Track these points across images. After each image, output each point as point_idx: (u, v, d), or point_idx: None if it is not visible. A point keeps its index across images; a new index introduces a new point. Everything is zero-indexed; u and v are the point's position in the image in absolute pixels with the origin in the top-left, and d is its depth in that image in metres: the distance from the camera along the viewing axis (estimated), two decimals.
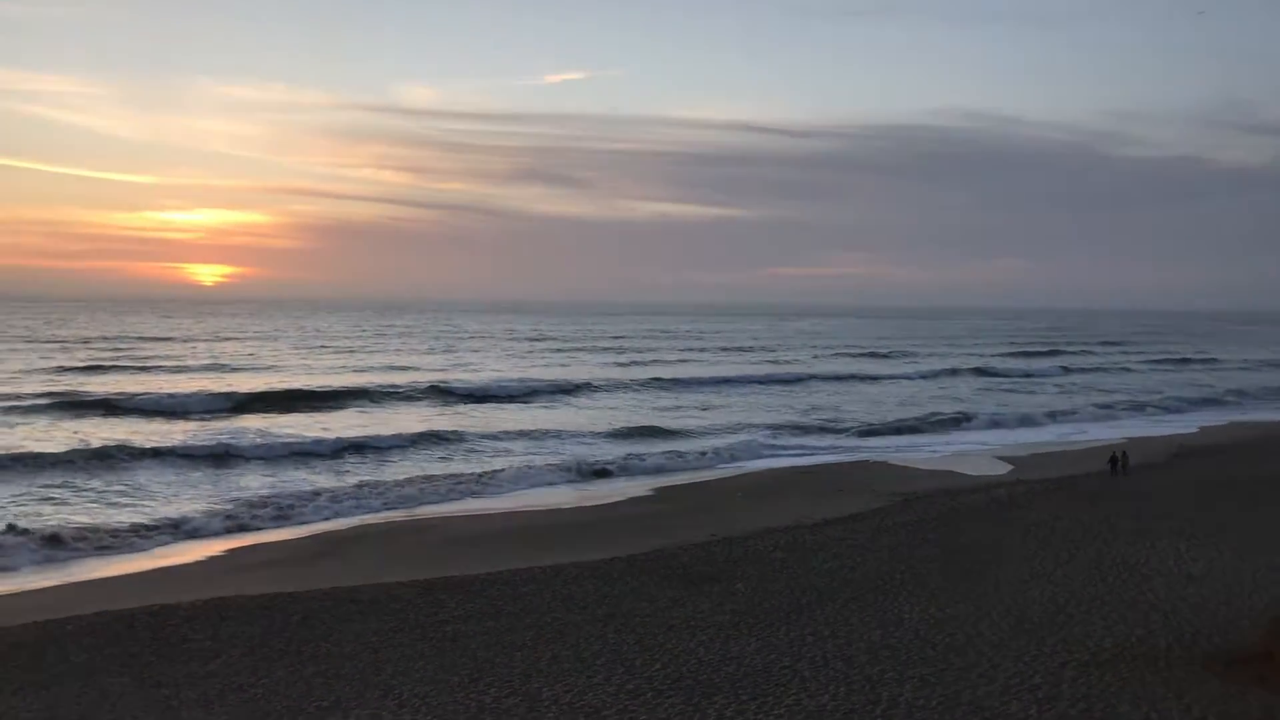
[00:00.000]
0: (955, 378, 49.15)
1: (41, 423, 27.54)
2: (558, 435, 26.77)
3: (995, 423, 31.64)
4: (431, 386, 38.07)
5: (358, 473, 21.27)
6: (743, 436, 27.20)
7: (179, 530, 15.97)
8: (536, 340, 78.58)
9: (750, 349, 71.34)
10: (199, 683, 8.61)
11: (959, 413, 33.17)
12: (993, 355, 64.93)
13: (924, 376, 48.98)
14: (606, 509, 18.24)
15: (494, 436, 26.28)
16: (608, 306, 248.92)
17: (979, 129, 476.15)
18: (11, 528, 15.16)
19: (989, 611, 10.36)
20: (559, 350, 66.08)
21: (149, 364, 47.90)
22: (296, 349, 62.16)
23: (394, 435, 25.66)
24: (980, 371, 52.18)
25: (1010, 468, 22.38)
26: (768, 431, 28.26)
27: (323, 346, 64.58)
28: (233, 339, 72.07)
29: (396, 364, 51.12)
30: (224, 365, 48.00)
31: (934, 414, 33.02)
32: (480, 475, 21.02)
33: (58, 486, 18.73)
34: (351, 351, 60.29)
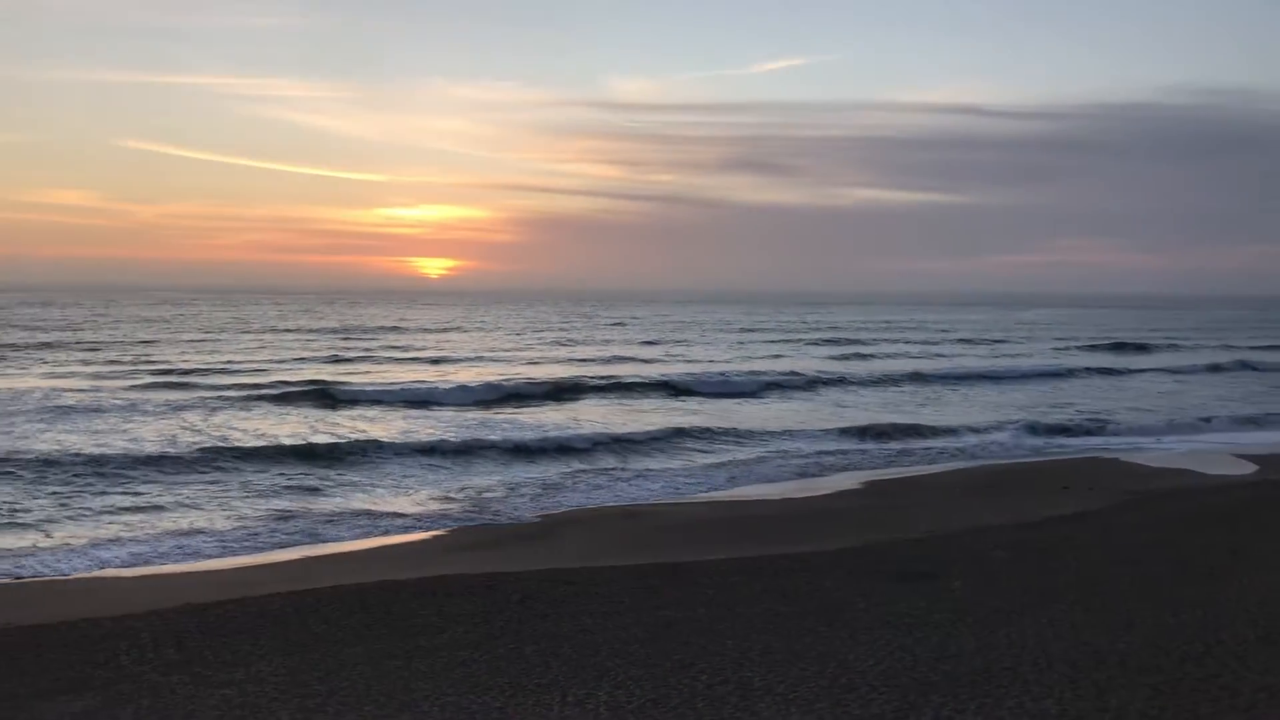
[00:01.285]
0: (1218, 374, 45.74)
1: (290, 411, 29.27)
2: (795, 432, 26.26)
3: (1250, 420, 29.32)
4: (662, 381, 37.76)
5: (604, 463, 21.69)
6: (990, 435, 26.17)
7: (412, 517, 16.79)
8: (750, 331, 78.24)
9: (978, 340, 68.74)
10: (426, 656, 9.05)
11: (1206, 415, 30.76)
12: (1248, 349, 60.39)
13: (1181, 371, 46.05)
14: (820, 500, 18.08)
15: (739, 432, 25.93)
16: (820, 296, 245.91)
17: (1218, 105, 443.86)
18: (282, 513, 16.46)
19: (1230, 620, 9.65)
20: (775, 341, 65.56)
21: (392, 354, 50.23)
22: (523, 340, 63.98)
23: (644, 430, 25.57)
24: (1243, 365, 48.67)
25: (1256, 468, 20.85)
26: (1013, 429, 27.09)
27: (549, 339, 66.08)
28: (461, 330, 75.26)
29: (620, 355, 51.90)
30: (458, 357, 49.54)
31: (1196, 409, 30.99)
32: (736, 463, 21.10)
33: (304, 474, 19.83)
34: (575, 343, 61.53)
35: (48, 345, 51.64)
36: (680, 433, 25.36)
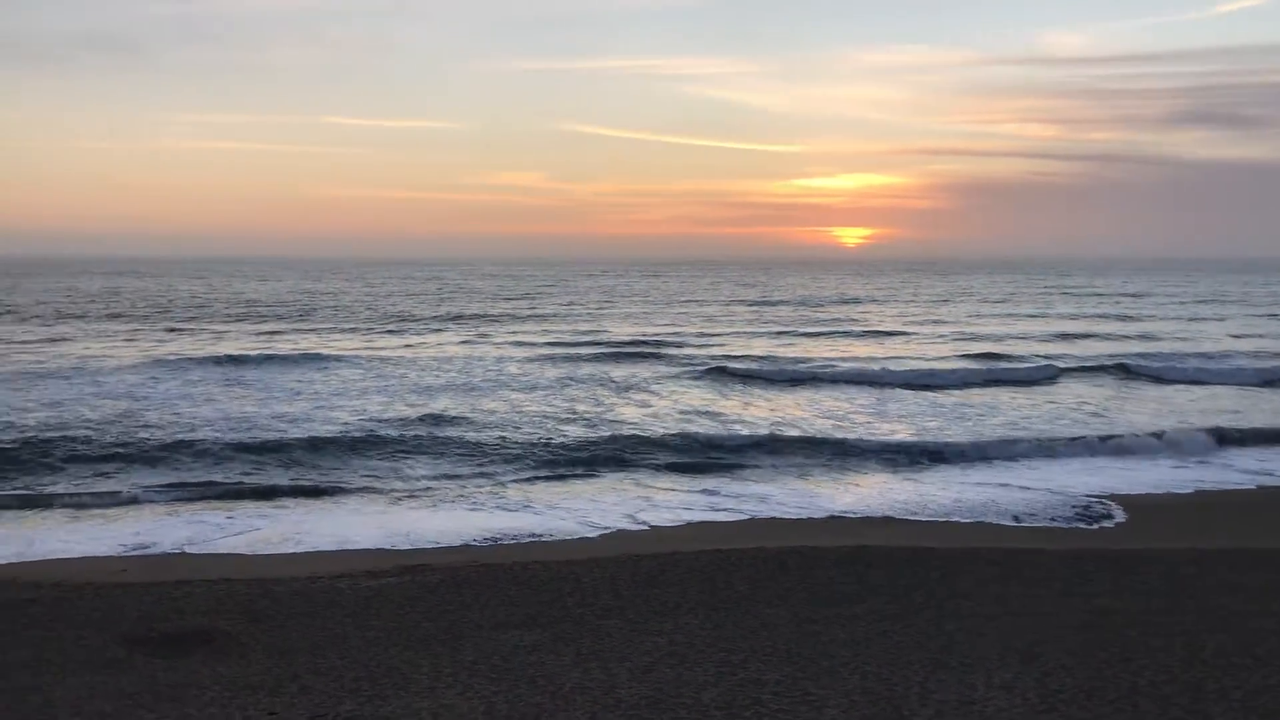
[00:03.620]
0: None
1: (699, 389, 30.17)
2: None
3: None
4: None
5: None
6: None
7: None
8: (1226, 304, 69.00)
9: None
10: (846, 623, 9.06)
11: None
12: None
13: None
14: None
15: None
16: None
17: None
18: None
19: None
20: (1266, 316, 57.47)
21: (839, 329, 48.01)
22: (968, 312, 60.59)
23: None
24: None
25: None
26: None
27: (997, 311, 62.05)
28: (892, 301, 73.55)
29: (1076, 332, 46.61)
30: (901, 332, 46.35)
31: None
32: None
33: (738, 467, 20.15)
34: (1034, 316, 56.97)
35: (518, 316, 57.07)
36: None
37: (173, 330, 45.32)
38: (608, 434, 20.29)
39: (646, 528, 13.94)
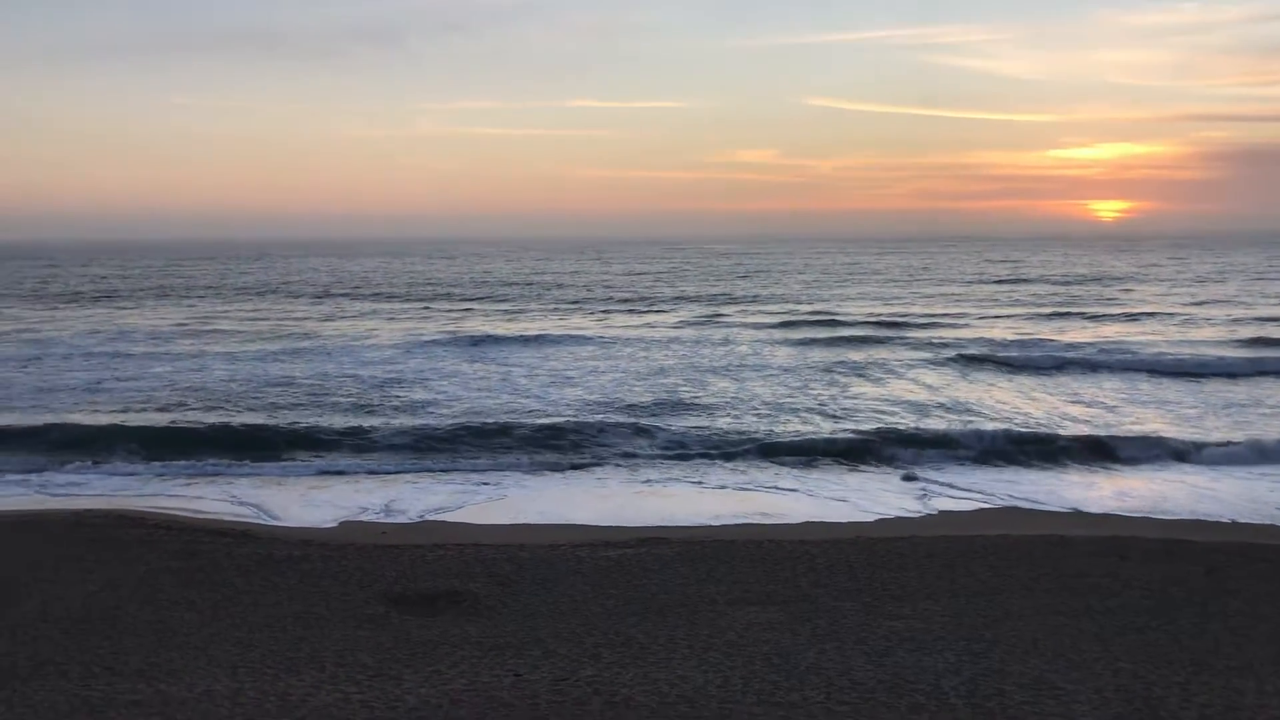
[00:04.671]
0: None
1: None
2: None
3: None
4: None
5: None
6: None
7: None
8: None
9: None
10: (1098, 617, 8.60)
11: None
12: None
13: None
14: None
15: None
16: None
17: None
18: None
19: None
20: None
21: (1095, 310, 44.49)
22: (1239, 292, 54.26)
23: None
24: None
25: None
26: None
27: (1275, 291, 55.48)
28: (1153, 279, 68.20)
29: None
30: (1163, 313, 42.48)
31: None
32: None
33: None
34: None
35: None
36: None
37: (425, 308, 47.85)
38: (843, 418, 20.01)
39: (885, 513, 13.69)
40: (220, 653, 7.94)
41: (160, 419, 20.06)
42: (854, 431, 18.46)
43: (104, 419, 20.13)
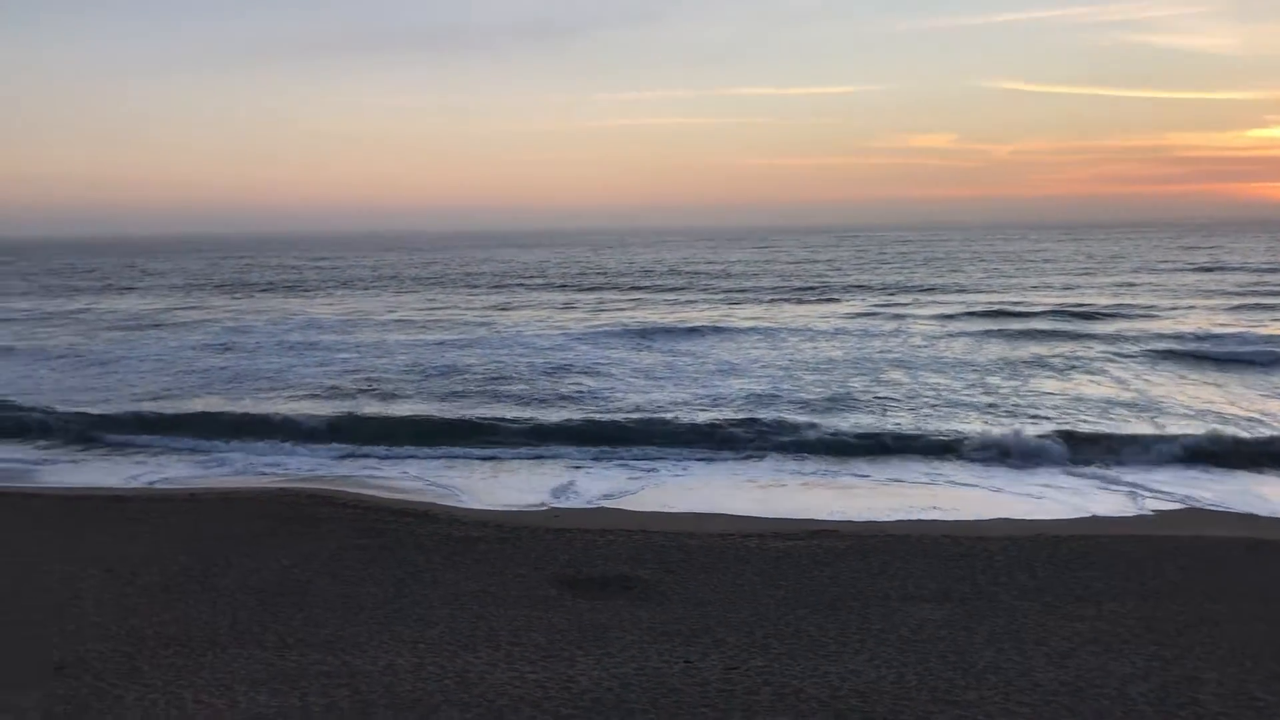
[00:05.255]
0: None
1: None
2: None
3: None
4: None
5: None
6: None
7: None
8: None
9: None
10: None
11: None
12: None
13: None
14: None
15: None
16: None
17: None
18: None
19: None
20: None
21: None
22: None
23: None
24: None
25: None
26: None
27: None
28: None
29: None
30: None
31: None
32: None
33: None
34: None
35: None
36: None
37: (597, 299, 48.54)
38: (1023, 414, 19.36)
39: (1068, 512, 13.17)
40: (403, 628, 8.26)
41: (345, 405, 21.01)
42: (1034, 428, 17.80)
43: (294, 404, 21.22)
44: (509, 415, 19.42)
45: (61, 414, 19.89)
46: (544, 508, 13.32)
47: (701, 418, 18.85)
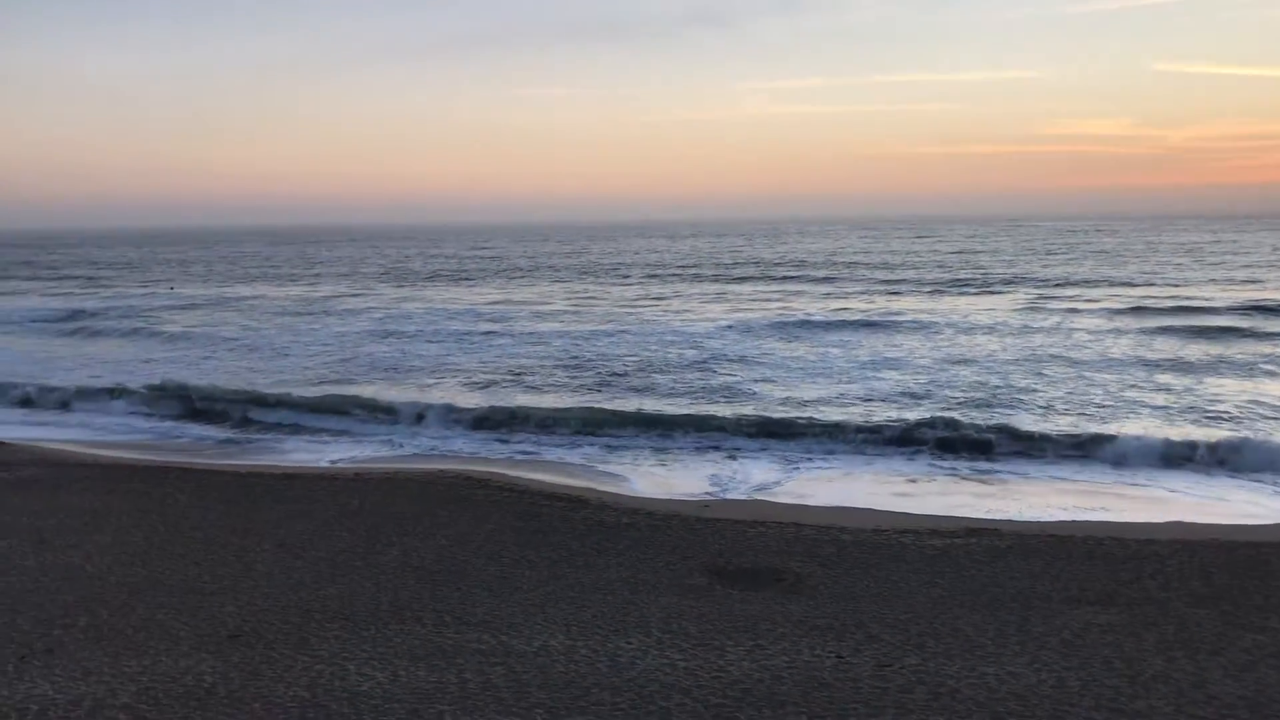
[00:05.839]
0: None
1: None
2: None
3: None
4: None
5: None
6: None
7: None
8: None
9: None
10: None
11: None
12: None
13: None
14: None
15: None
16: None
17: None
18: None
19: None
20: None
21: None
22: None
23: None
24: None
25: None
26: None
27: None
28: None
29: None
30: None
31: None
32: None
33: None
34: None
35: None
36: None
37: (754, 290, 48.35)
38: (1196, 416, 18.41)
39: (1247, 519, 12.47)
40: (556, 611, 8.39)
41: (499, 392, 21.50)
42: (1208, 431, 16.91)
43: (451, 391, 21.83)
44: (660, 406, 19.53)
45: (234, 396, 20.97)
46: (695, 498, 13.34)
47: (854, 411, 18.57)
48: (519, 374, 23.73)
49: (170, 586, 9.14)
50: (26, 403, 21.75)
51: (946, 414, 18.04)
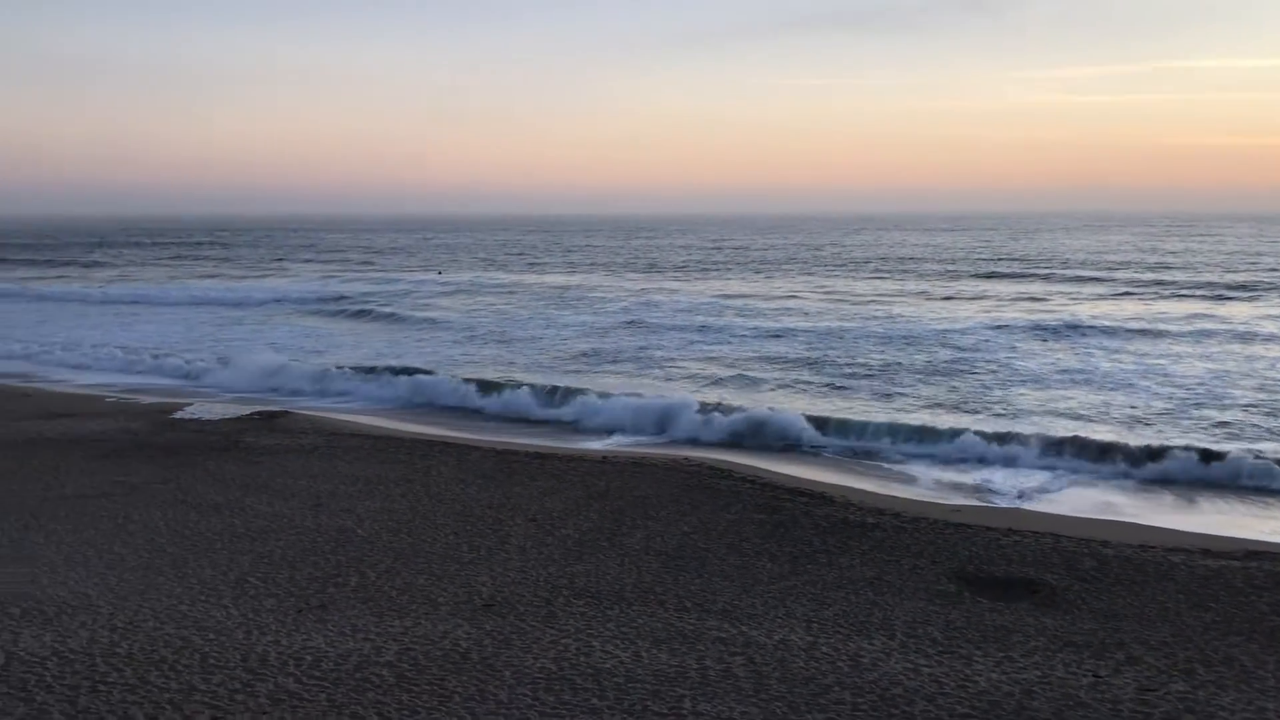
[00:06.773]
0: None
1: None
2: None
3: None
4: None
5: None
6: None
7: None
8: None
9: None
10: None
11: None
12: None
13: None
14: None
15: None
16: None
17: None
18: None
19: None
20: None
21: None
22: None
23: None
24: None
25: None
26: None
27: None
28: None
29: None
30: None
31: None
32: None
33: None
34: None
35: None
36: None
37: (1018, 290, 46.41)
38: None
39: None
40: (797, 606, 8.34)
41: (734, 387, 21.54)
42: None
43: (690, 384, 22.05)
44: (909, 407, 19.05)
45: (482, 381, 21.92)
46: (946, 502, 12.93)
47: (1119, 423, 17.50)
48: (760, 370, 23.73)
49: (431, 554, 9.67)
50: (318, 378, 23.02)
51: (1228, 423, 16.72)
